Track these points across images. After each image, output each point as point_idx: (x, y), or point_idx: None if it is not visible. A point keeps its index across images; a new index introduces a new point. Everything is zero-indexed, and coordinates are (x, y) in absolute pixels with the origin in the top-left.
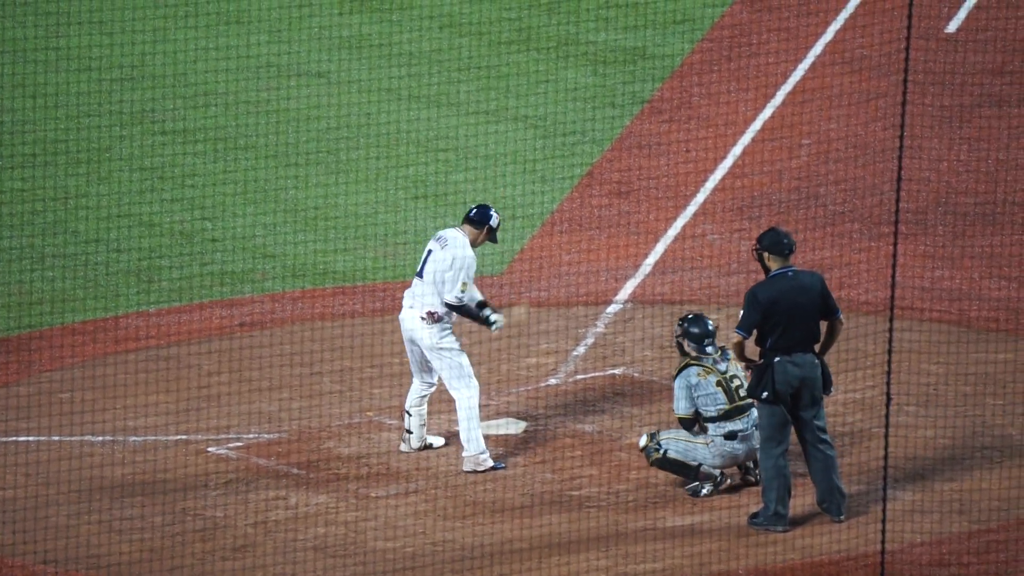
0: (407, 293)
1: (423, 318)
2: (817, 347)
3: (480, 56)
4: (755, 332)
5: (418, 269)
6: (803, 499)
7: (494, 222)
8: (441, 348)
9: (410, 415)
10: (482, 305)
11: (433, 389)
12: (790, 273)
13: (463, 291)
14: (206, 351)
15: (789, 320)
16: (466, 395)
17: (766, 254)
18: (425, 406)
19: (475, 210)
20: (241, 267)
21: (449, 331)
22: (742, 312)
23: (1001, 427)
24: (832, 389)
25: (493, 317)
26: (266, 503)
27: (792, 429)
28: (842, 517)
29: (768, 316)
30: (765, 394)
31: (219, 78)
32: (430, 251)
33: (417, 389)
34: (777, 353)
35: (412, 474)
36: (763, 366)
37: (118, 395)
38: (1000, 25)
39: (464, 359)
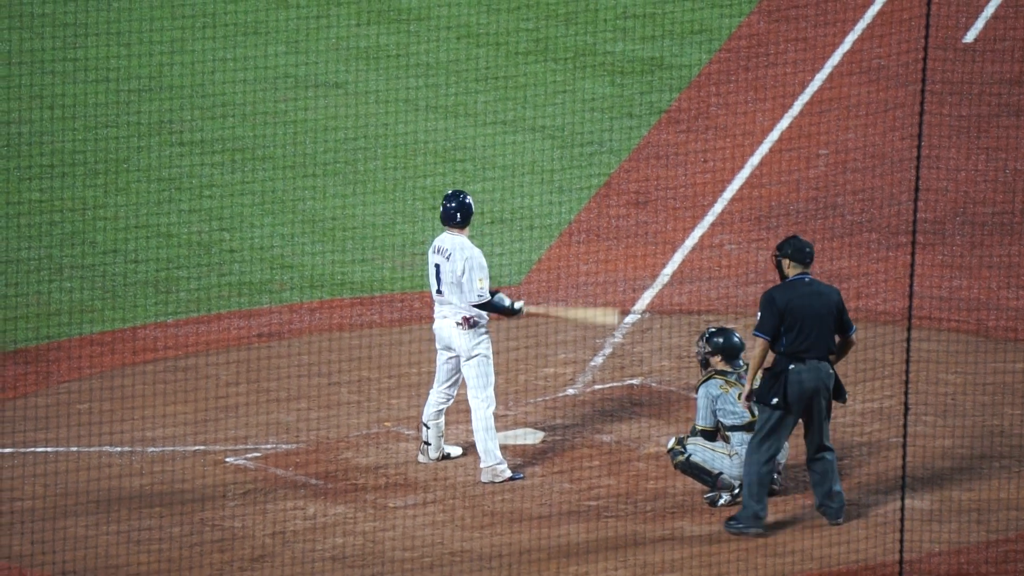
0: (436, 306)
1: (459, 323)
2: (831, 357)
3: (497, 66)
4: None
5: (436, 288)
6: (813, 510)
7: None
8: (477, 355)
9: (427, 427)
10: (493, 294)
11: (451, 402)
12: (807, 279)
13: (483, 287)
14: (224, 362)
15: (804, 323)
16: (484, 406)
17: (787, 261)
18: (442, 419)
19: (457, 213)
20: (259, 278)
21: (486, 337)
22: (760, 315)
23: (1019, 436)
24: (846, 397)
25: (517, 304)
26: (284, 513)
27: (785, 437)
28: (840, 520)
29: (784, 318)
30: (775, 400)
31: (237, 89)
32: (437, 266)
33: (434, 402)
34: (791, 360)
35: (430, 484)
36: (776, 372)
37: (136, 406)
38: (1018, 35)
39: (491, 370)
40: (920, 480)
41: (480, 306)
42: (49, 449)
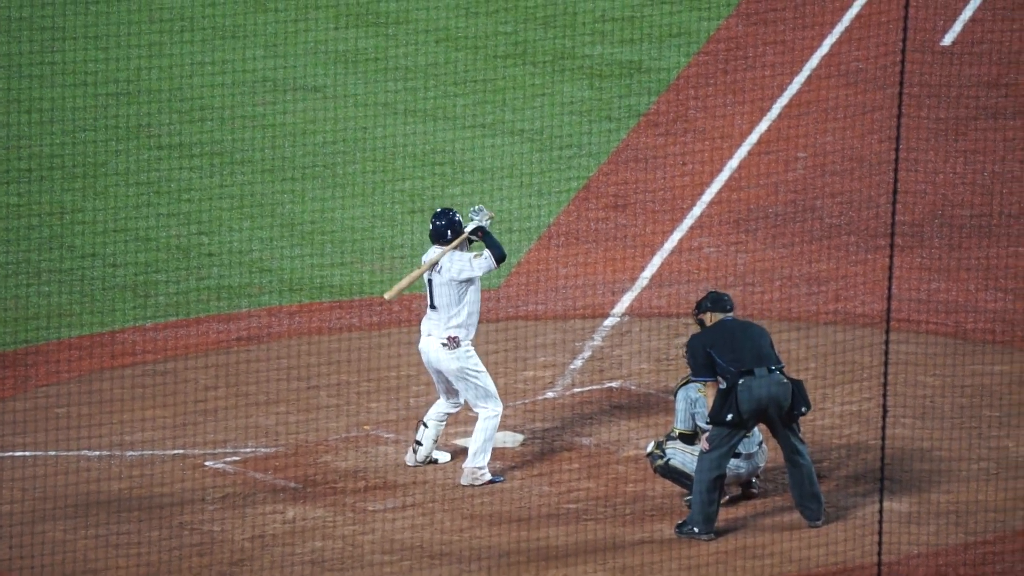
0: (424, 322)
1: (444, 344)
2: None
3: (476, 70)
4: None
5: (429, 301)
6: (794, 513)
7: (465, 229)
8: (466, 371)
9: (426, 427)
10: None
11: (458, 410)
12: (730, 319)
13: (480, 259)
14: (203, 365)
15: (735, 343)
16: (489, 414)
17: (707, 315)
18: (444, 424)
19: (447, 230)
20: (238, 281)
21: (472, 353)
22: (690, 365)
23: (997, 439)
24: (806, 409)
25: (475, 221)
26: (263, 517)
27: (737, 445)
28: (819, 523)
29: (712, 345)
30: (730, 416)
31: (215, 92)
32: (430, 281)
33: (443, 406)
34: (740, 375)
35: (409, 487)
36: (727, 389)
37: (115, 410)
38: (995, 38)
39: (488, 380)
40: (898, 482)
41: (497, 259)
42: (27, 453)
